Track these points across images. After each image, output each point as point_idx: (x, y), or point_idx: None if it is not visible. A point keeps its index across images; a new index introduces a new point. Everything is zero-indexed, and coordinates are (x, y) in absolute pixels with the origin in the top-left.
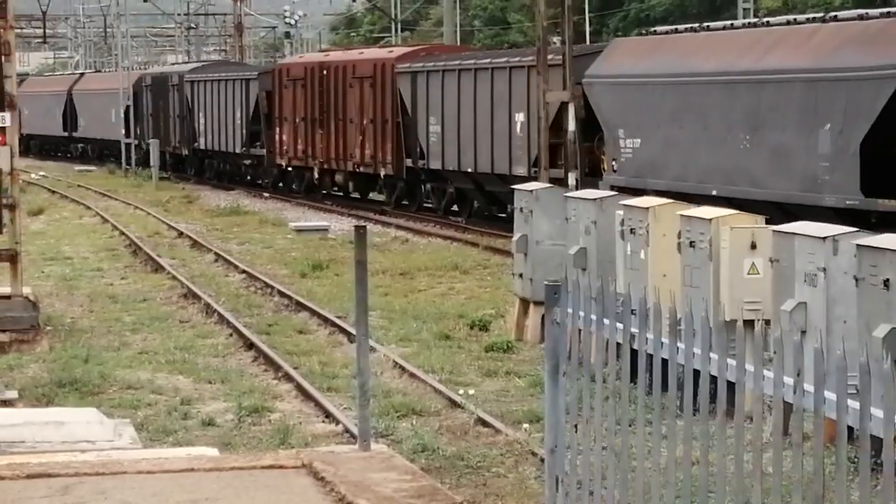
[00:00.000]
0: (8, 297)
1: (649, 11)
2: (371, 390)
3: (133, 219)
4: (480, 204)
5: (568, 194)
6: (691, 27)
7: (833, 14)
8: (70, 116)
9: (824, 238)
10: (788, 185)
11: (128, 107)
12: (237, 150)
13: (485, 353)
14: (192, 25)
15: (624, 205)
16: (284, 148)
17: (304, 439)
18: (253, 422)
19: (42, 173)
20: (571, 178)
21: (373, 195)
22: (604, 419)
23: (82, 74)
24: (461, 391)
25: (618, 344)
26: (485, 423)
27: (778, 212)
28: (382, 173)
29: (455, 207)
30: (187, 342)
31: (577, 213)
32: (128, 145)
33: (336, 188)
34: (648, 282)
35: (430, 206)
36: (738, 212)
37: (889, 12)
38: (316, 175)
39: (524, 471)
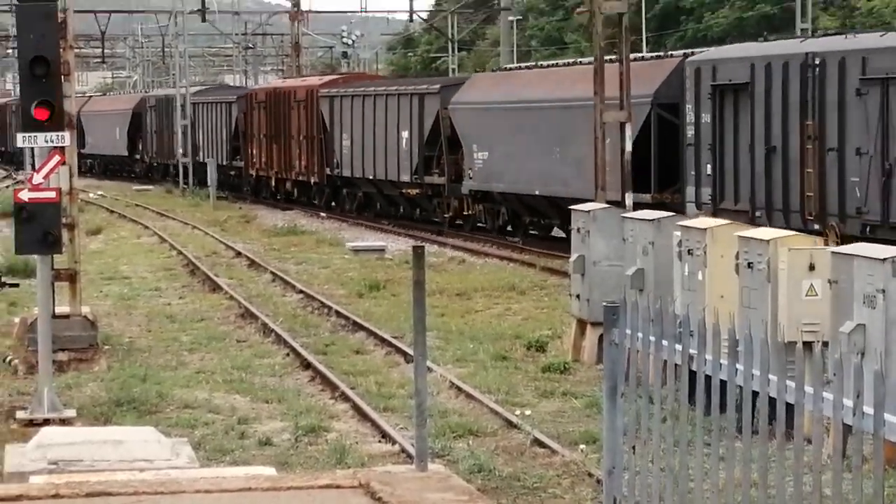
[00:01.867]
0: (67, 317)
1: (707, 31)
2: (428, 410)
3: (190, 238)
4: (381, 206)
5: (626, 215)
6: (529, 65)
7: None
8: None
9: (884, 259)
10: (584, 187)
11: (183, 126)
12: (224, 162)
13: (541, 373)
14: (250, 45)
15: (681, 225)
16: (253, 160)
17: (361, 459)
18: (310, 441)
19: (100, 192)
20: (629, 199)
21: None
22: (661, 441)
23: (90, 97)
24: (517, 412)
25: (676, 365)
26: (541, 444)
27: (551, 205)
28: (313, 181)
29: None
30: (244, 362)
31: (635, 233)
32: (185, 165)
33: (285, 194)
34: (706, 303)
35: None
36: (796, 233)
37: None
38: (273, 183)
39: (581, 492)
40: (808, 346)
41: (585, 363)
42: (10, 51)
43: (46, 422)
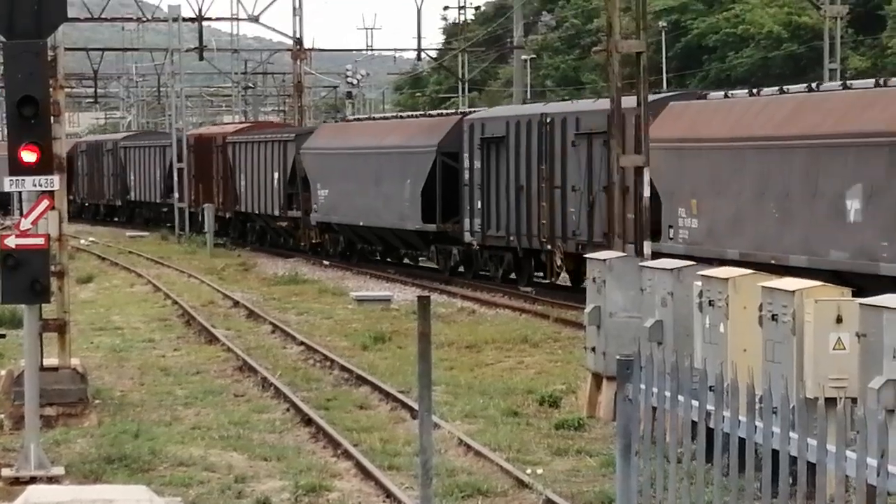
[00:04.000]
0: (55, 369)
1: (730, 71)
2: (434, 469)
3: (186, 287)
4: (270, 235)
5: (643, 264)
6: (363, 117)
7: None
8: None
9: None
10: (392, 218)
11: (179, 170)
12: (157, 200)
13: (555, 430)
14: (250, 85)
15: (702, 275)
16: (185, 197)
17: None
18: (310, 501)
19: (92, 239)
20: (647, 248)
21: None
22: (678, 501)
23: None
24: (529, 470)
25: (693, 422)
26: None
27: (390, 234)
28: (227, 216)
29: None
30: (242, 417)
31: (653, 283)
32: (181, 210)
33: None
34: (728, 356)
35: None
36: (823, 283)
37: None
38: (200, 218)
39: None
40: (833, 402)
41: (601, 419)
42: None
43: (33, 479)
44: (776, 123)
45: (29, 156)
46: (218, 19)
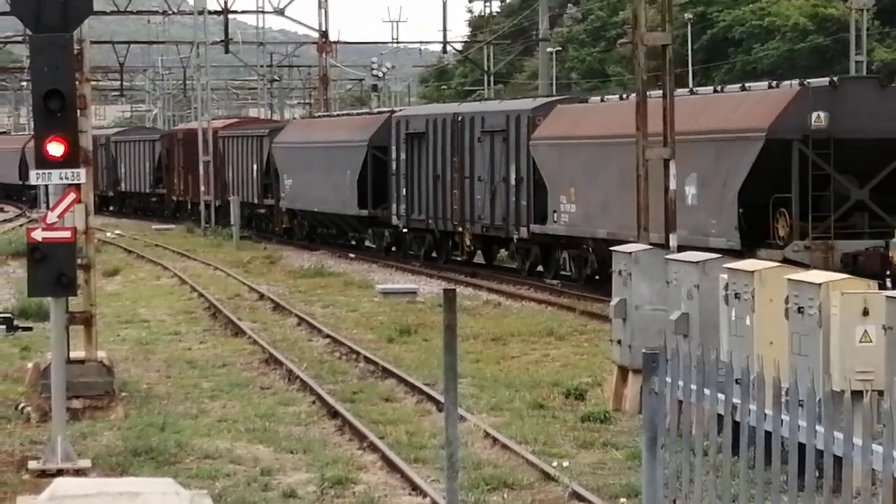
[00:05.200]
0: (82, 362)
1: (756, 64)
2: (460, 462)
3: (212, 280)
4: (255, 222)
5: (669, 257)
6: (327, 115)
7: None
8: (21, 169)
9: None
10: (337, 205)
11: (206, 162)
12: (146, 191)
13: (580, 423)
14: (276, 78)
15: (728, 268)
16: (174, 188)
17: None
18: (336, 494)
19: (118, 232)
20: (673, 240)
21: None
22: (704, 495)
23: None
24: (555, 463)
25: (719, 415)
26: (580, 498)
27: (337, 218)
28: (216, 204)
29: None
30: (268, 410)
31: (679, 276)
32: (207, 203)
33: (198, 215)
34: (754, 349)
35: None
36: (849, 276)
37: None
38: (189, 206)
39: None
40: (857, 394)
41: (627, 412)
42: (24, 83)
43: (60, 472)
44: (632, 123)
45: (55, 149)
46: (243, 12)
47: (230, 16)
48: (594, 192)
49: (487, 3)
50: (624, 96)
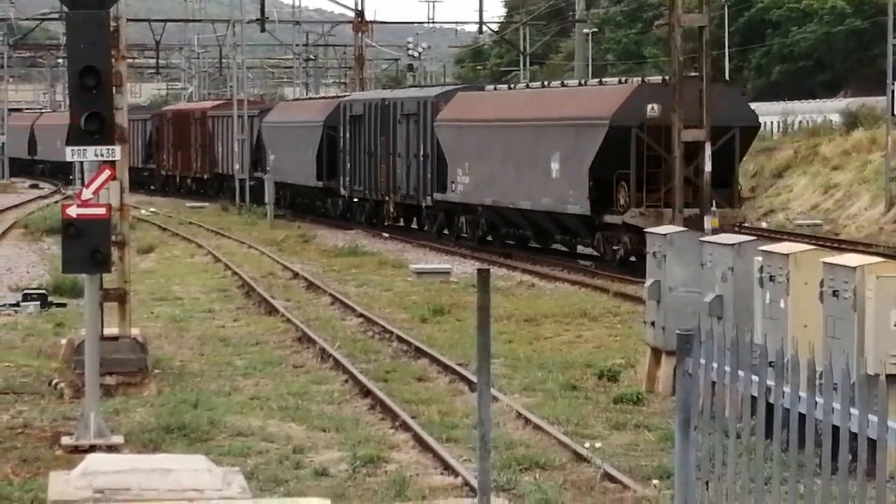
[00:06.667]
0: (115, 339)
1: (793, 47)
2: (492, 441)
3: (246, 258)
4: (226, 194)
5: (704, 239)
6: (307, 98)
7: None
8: (31, 144)
9: None
10: (302, 178)
11: (241, 141)
12: (139, 165)
13: (613, 404)
14: (311, 57)
15: (763, 251)
16: (163, 163)
17: (422, 492)
18: (368, 472)
19: (152, 209)
20: (707, 223)
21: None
22: (737, 477)
23: (41, 112)
24: (587, 444)
25: (752, 397)
26: (612, 479)
27: (304, 189)
28: (205, 177)
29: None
30: (301, 388)
31: (714, 258)
32: (241, 181)
33: (187, 188)
34: (788, 332)
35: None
36: (885, 260)
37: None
38: (178, 180)
39: None
40: (891, 378)
41: (660, 394)
42: (60, 61)
43: (92, 448)
44: (515, 110)
45: (91, 126)
46: None
47: None
48: (483, 167)
49: None
50: (512, 86)
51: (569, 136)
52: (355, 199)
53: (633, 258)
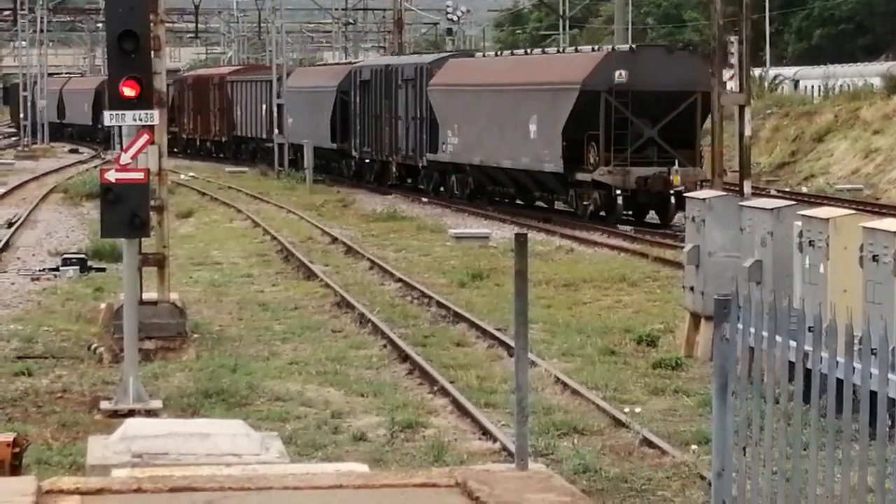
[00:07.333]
0: (154, 303)
1: (834, 10)
2: (530, 407)
3: (285, 223)
4: (260, 156)
5: (744, 203)
6: (322, 63)
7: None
8: (60, 109)
9: None
10: (318, 139)
11: (279, 105)
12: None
13: (652, 369)
14: (350, 21)
15: (803, 215)
16: (184, 127)
17: (460, 457)
18: (406, 437)
19: (192, 174)
20: (747, 187)
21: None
22: (774, 442)
23: (70, 77)
24: (626, 409)
25: (790, 363)
26: (651, 444)
27: (320, 151)
28: (223, 139)
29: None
30: (339, 353)
31: (753, 223)
32: (281, 146)
33: (206, 150)
34: (827, 297)
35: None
36: None
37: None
38: (197, 143)
39: (691, 495)
40: None
41: (699, 359)
42: (99, 25)
43: (131, 413)
44: (500, 75)
45: (129, 90)
46: None
47: None
48: (471, 128)
49: None
50: (498, 53)
51: (545, 99)
52: (366, 161)
53: (602, 213)
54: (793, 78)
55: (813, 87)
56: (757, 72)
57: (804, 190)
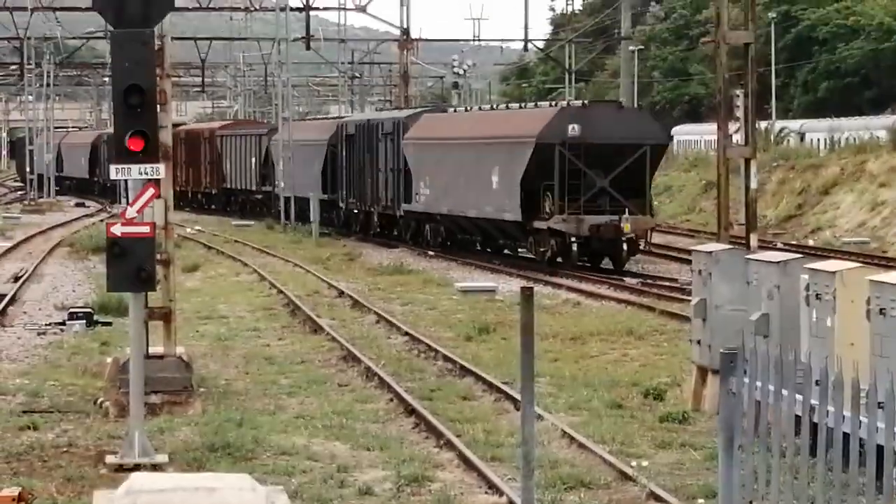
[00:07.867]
0: (161, 357)
1: (840, 63)
2: (537, 460)
3: (291, 277)
4: (249, 207)
5: (750, 256)
6: (312, 117)
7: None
8: (58, 161)
9: None
10: (310, 191)
11: (286, 158)
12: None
13: (659, 423)
14: (356, 75)
15: (809, 268)
16: (177, 178)
17: None
18: (413, 491)
19: (198, 227)
20: (753, 240)
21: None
22: (781, 496)
23: (68, 131)
24: (633, 463)
25: (797, 416)
26: (658, 498)
27: (305, 202)
28: (213, 192)
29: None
30: (346, 407)
31: (760, 276)
32: (287, 199)
33: (198, 203)
34: (835, 351)
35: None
36: None
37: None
38: (189, 195)
39: None
40: None
41: (707, 412)
42: (105, 79)
43: (137, 467)
44: (466, 129)
45: (135, 144)
46: (325, 9)
47: (312, 12)
48: (441, 179)
49: (569, 1)
50: (468, 108)
51: (504, 152)
52: (353, 211)
53: (559, 259)
54: (799, 131)
55: (819, 139)
56: (763, 125)
57: (811, 243)
